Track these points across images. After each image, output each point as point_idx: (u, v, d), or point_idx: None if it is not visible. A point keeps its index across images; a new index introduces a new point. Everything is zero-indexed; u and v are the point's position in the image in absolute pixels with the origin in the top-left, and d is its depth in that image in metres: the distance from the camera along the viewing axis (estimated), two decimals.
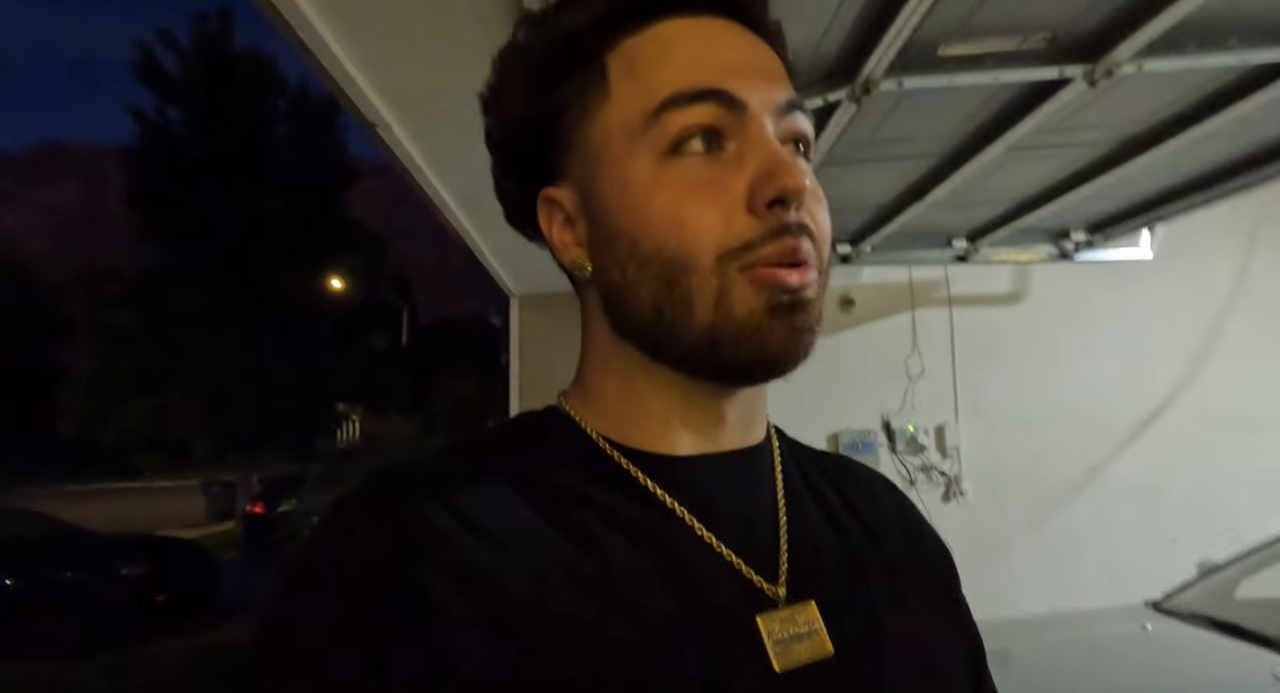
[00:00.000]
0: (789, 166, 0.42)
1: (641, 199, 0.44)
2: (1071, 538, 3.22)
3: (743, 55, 0.46)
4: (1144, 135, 1.98)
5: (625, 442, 0.49)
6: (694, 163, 0.44)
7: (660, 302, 0.44)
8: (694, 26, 0.47)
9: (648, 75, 0.45)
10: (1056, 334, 3.34)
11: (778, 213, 0.42)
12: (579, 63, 0.47)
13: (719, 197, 0.43)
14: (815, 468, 0.57)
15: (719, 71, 0.44)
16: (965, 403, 3.27)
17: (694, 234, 0.43)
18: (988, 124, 1.85)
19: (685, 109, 0.43)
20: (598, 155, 0.47)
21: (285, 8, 1.03)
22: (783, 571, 0.47)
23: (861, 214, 2.60)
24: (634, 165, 0.45)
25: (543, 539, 0.42)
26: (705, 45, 0.46)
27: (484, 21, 1.10)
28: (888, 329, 3.33)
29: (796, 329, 0.44)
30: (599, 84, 0.47)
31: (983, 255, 2.95)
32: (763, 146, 0.44)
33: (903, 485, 3.13)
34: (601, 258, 0.48)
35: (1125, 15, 1.39)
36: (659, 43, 0.46)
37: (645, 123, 0.44)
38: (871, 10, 1.33)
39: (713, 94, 0.44)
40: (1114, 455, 3.28)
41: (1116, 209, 2.72)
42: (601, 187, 0.47)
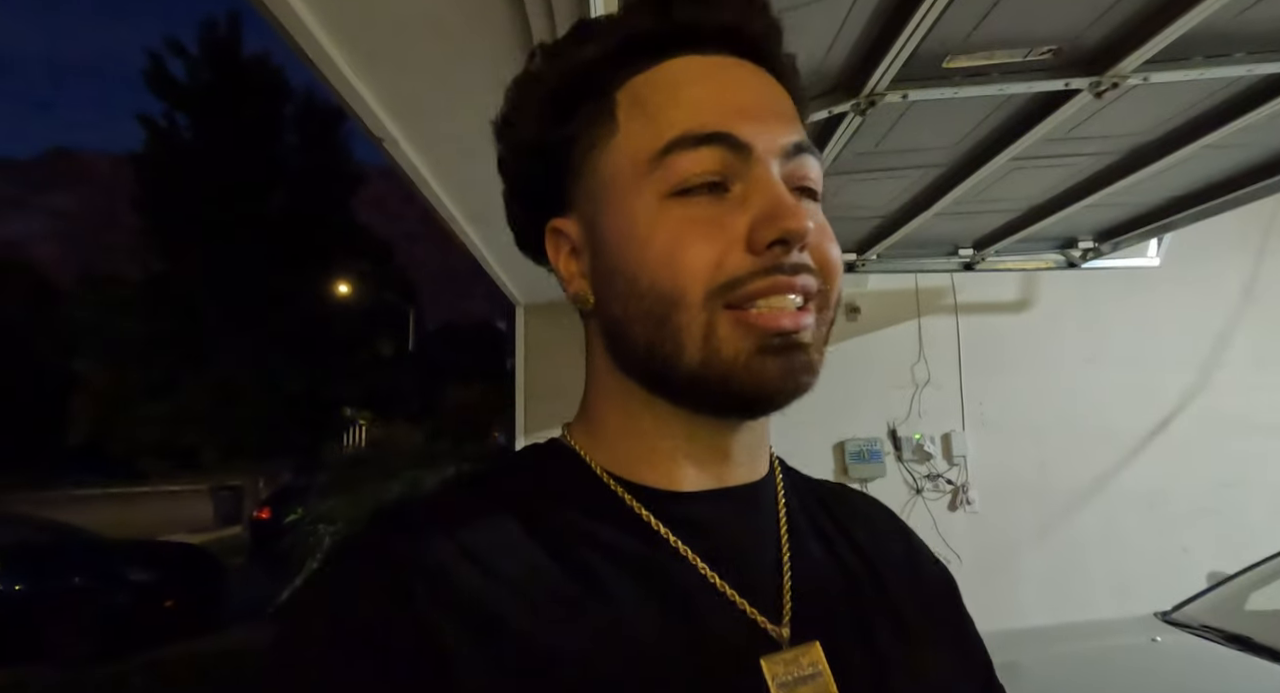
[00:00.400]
0: (791, 209, 0.42)
1: (643, 236, 0.45)
2: (1079, 548, 3.20)
3: (752, 96, 0.46)
4: (1151, 145, 1.97)
5: (630, 477, 0.48)
6: (697, 203, 0.44)
7: (653, 338, 0.45)
8: (704, 66, 0.47)
9: (656, 114, 0.45)
10: (1064, 342, 3.33)
11: (777, 253, 0.42)
12: (589, 97, 0.48)
13: (718, 235, 0.43)
14: (815, 500, 0.57)
15: (726, 114, 0.44)
16: (972, 411, 3.26)
17: (687, 270, 0.43)
18: (993, 135, 1.85)
19: (691, 152, 0.43)
20: (603, 190, 0.47)
21: (296, 29, 1.04)
22: (786, 610, 0.46)
23: (867, 223, 2.60)
24: (638, 203, 0.45)
25: (548, 578, 0.42)
26: (714, 86, 0.46)
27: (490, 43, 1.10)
28: (894, 337, 3.32)
29: (791, 369, 0.43)
30: (608, 119, 0.47)
31: (989, 263, 2.94)
32: (766, 188, 0.43)
33: (909, 494, 3.18)
34: (603, 291, 0.48)
35: (1131, 28, 1.39)
36: (668, 81, 0.46)
37: (651, 162, 0.44)
38: (877, 24, 1.33)
39: (719, 137, 0.43)
40: (1122, 464, 3.26)
41: (1124, 218, 2.72)
42: (606, 221, 0.47)
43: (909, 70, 1.44)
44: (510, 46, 1.12)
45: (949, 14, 1.29)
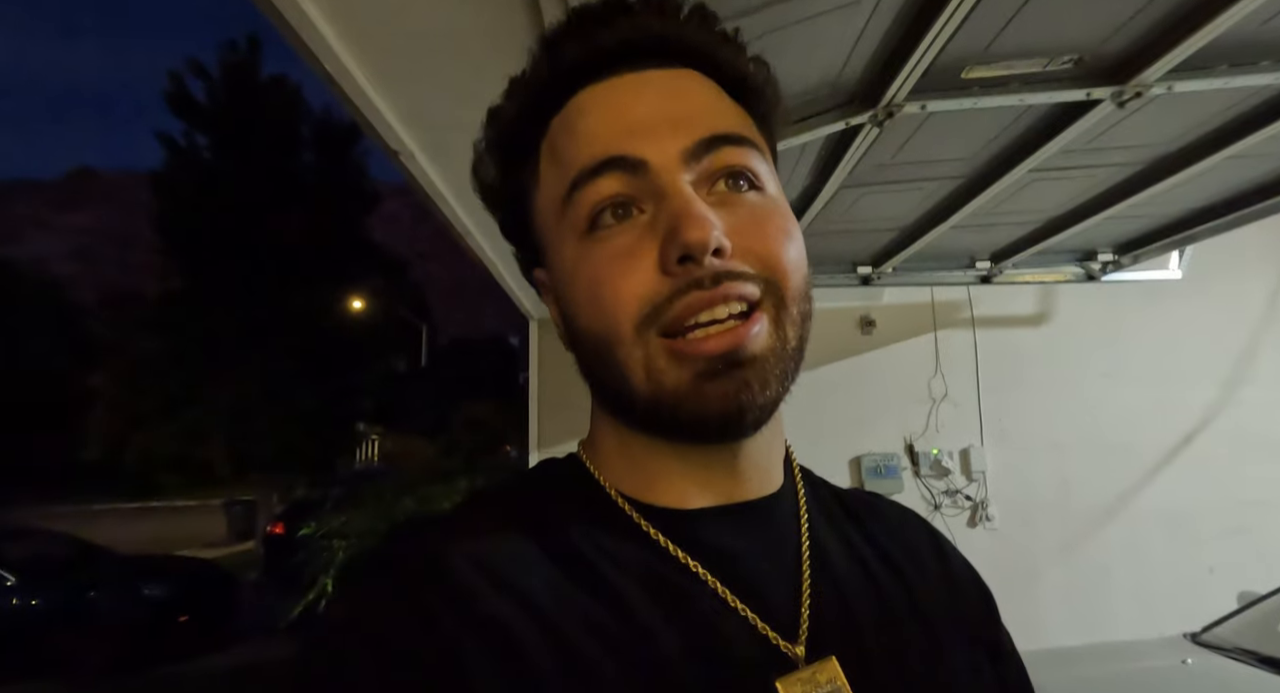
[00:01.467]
0: (691, 217, 0.41)
1: (569, 280, 0.45)
2: (1103, 566, 3.13)
3: (645, 110, 0.45)
4: (1173, 156, 1.94)
5: (640, 497, 0.48)
6: (610, 235, 0.43)
7: (602, 376, 0.45)
8: (600, 94, 0.46)
9: (562, 156, 0.46)
10: (1083, 356, 3.28)
11: (689, 269, 0.41)
12: (520, 152, 0.49)
13: (635, 265, 0.42)
14: (841, 509, 0.55)
15: (616, 136, 0.44)
16: (990, 426, 3.21)
17: (612, 308, 0.42)
18: (1012, 145, 1.83)
19: (590, 185, 0.43)
20: (542, 240, 0.49)
21: (314, 41, 1.05)
22: (803, 627, 0.45)
23: (883, 235, 2.58)
24: (564, 247, 0.46)
25: (566, 597, 0.42)
26: (604, 113, 0.45)
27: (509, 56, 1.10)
28: (910, 350, 3.28)
29: (733, 391, 0.41)
30: (534, 171, 0.48)
31: (1006, 276, 2.91)
32: (669, 202, 0.42)
33: (927, 510, 3.12)
34: (568, 336, 0.49)
35: (1155, 37, 1.37)
36: (567, 122, 0.47)
37: (562, 206, 0.45)
38: (895, 35, 1.32)
39: (611, 162, 0.43)
40: (1146, 481, 3.20)
41: (1144, 230, 2.68)
42: (551, 269, 0.49)
43: (927, 81, 1.43)
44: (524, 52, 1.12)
45: (968, 24, 1.28)
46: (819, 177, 1.94)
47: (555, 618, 0.40)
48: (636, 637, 0.41)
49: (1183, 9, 1.28)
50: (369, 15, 1.01)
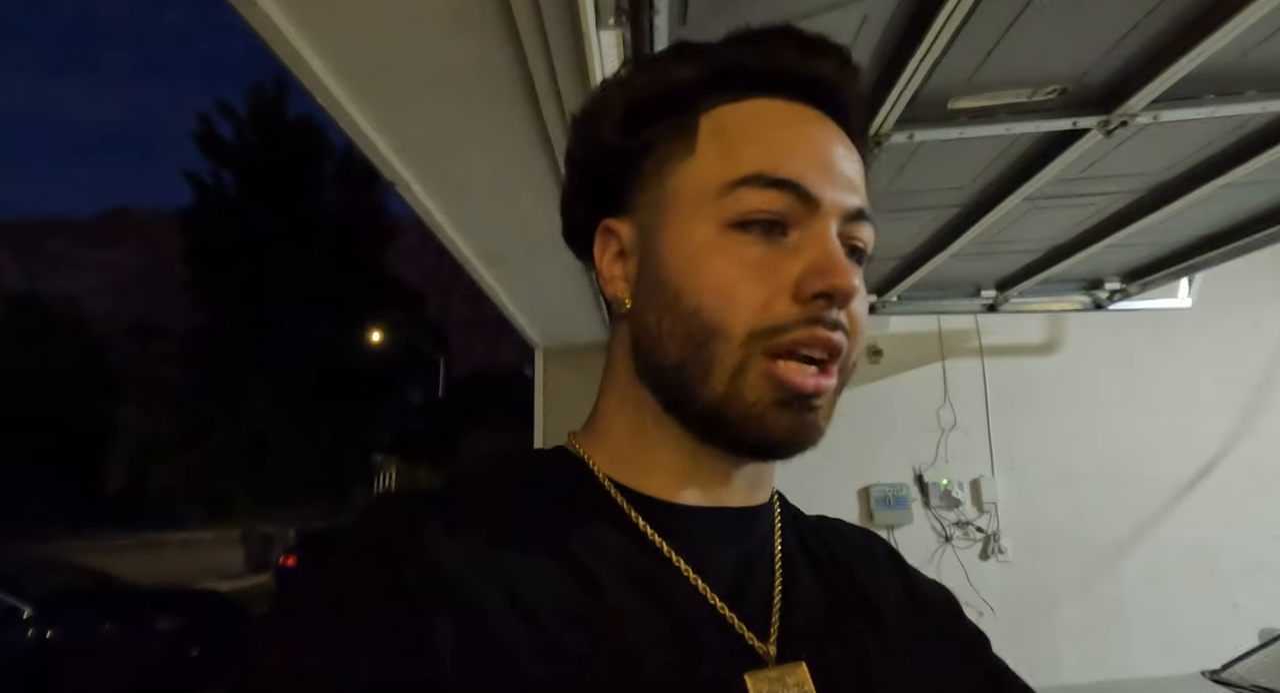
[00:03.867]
0: (843, 267, 0.44)
1: (696, 260, 0.46)
2: (1120, 601, 3.05)
3: (828, 152, 0.48)
4: (1169, 184, 1.95)
5: (631, 485, 0.49)
6: (754, 240, 0.45)
7: (685, 359, 0.46)
8: (789, 112, 0.48)
9: (734, 146, 0.47)
10: (1095, 385, 3.24)
11: (820, 306, 0.44)
12: (673, 112, 0.49)
13: (768, 278, 0.44)
14: (811, 531, 0.58)
15: (801, 163, 0.46)
16: (1001, 456, 3.17)
17: (735, 306, 0.44)
18: (1006, 174, 1.85)
19: (760, 192, 0.45)
20: (667, 205, 0.49)
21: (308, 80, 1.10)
22: (774, 629, 0.46)
23: (885, 264, 2.59)
24: (698, 226, 0.46)
25: (543, 579, 0.43)
26: (795, 134, 0.48)
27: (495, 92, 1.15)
28: (918, 380, 3.26)
29: (801, 426, 0.45)
30: (687, 139, 0.49)
31: (1012, 305, 2.89)
32: (823, 242, 0.45)
33: (938, 542, 3.07)
34: (642, 299, 0.49)
35: (1137, 67, 1.39)
36: (753, 118, 0.48)
37: (720, 191, 0.46)
38: (877, 66, 1.36)
39: (790, 184, 0.45)
40: (1163, 513, 3.13)
41: (1150, 258, 2.67)
42: (662, 234, 0.48)
43: (913, 111, 1.45)
44: (513, 94, 1.17)
45: (949, 56, 1.31)
46: None
47: (529, 597, 0.41)
48: (611, 621, 0.42)
49: (1161, 41, 1.30)
50: (360, 49, 1.06)
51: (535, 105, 1.22)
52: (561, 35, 1.06)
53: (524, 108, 1.21)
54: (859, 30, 1.25)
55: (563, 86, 1.17)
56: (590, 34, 1.03)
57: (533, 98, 1.18)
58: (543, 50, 1.04)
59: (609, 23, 1.07)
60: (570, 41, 1.07)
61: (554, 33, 1.06)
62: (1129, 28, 1.26)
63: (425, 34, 1.05)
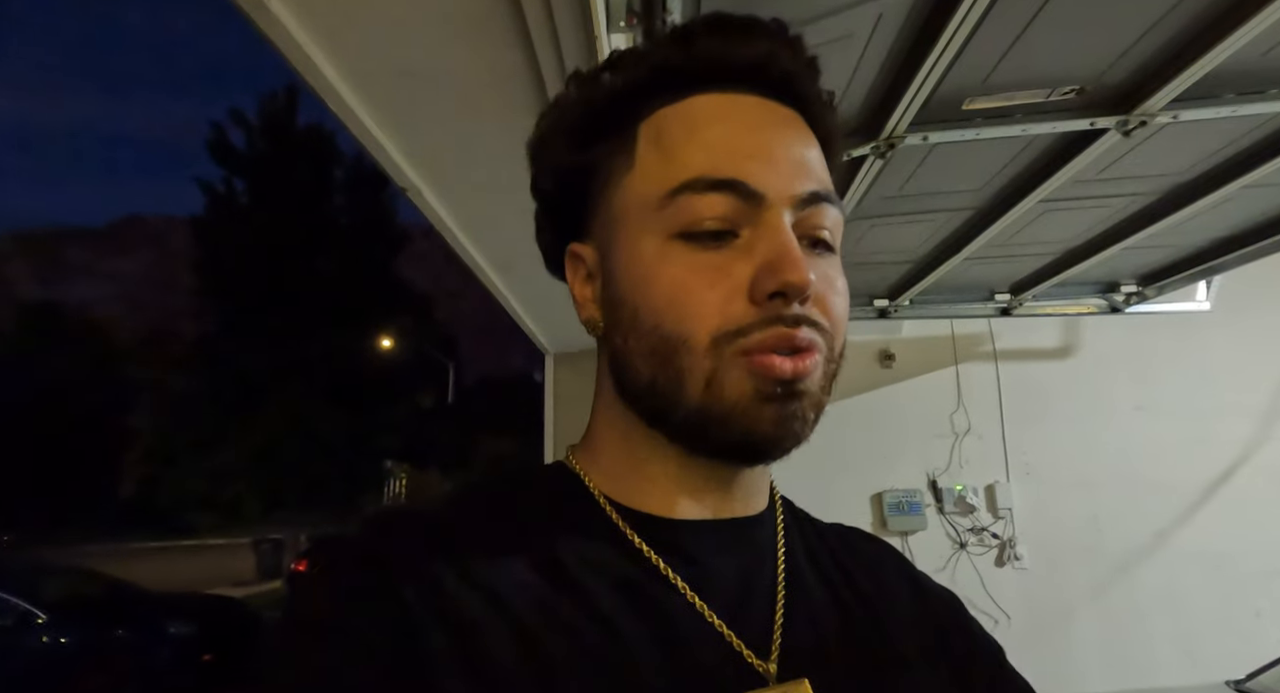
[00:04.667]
0: (795, 261, 0.42)
1: (646, 274, 0.45)
2: (1139, 609, 3.00)
3: (770, 141, 0.46)
4: (1189, 185, 1.92)
5: (627, 502, 0.48)
6: (703, 247, 0.44)
7: (655, 374, 0.45)
8: (727, 105, 0.47)
9: (671, 152, 0.46)
10: (1111, 390, 3.19)
11: (777, 305, 0.42)
12: (612, 127, 0.48)
13: (721, 282, 0.43)
14: (818, 539, 0.56)
15: (741, 159, 0.44)
16: (1016, 461, 3.13)
17: (691, 315, 0.43)
18: (1021, 176, 1.83)
19: (701, 196, 0.44)
20: (616, 222, 0.48)
21: (320, 86, 1.09)
22: (775, 645, 0.45)
23: (898, 268, 2.57)
24: (645, 240, 0.45)
25: (539, 598, 0.42)
26: (732, 127, 0.46)
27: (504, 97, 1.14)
28: (931, 384, 3.23)
29: (785, 417, 0.43)
30: (627, 151, 0.47)
31: (1027, 308, 2.86)
32: (773, 237, 0.43)
33: (952, 548, 3.04)
34: (610, 320, 0.49)
35: (1156, 66, 1.37)
36: (688, 119, 0.46)
37: (661, 201, 0.45)
38: (892, 67, 1.34)
39: (730, 184, 0.43)
40: (1183, 519, 3.08)
41: (1168, 260, 2.63)
42: (616, 252, 0.48)
43: (928, 112, 1.44)
44: (524, 99, 1.16)
45: (965, 56, 1.29)
46: None
47: (525, 617, 0.41)
48: (607, 641, 0.41)
49: (1181, 39, 1.28)
50: (371, 55, 1.06)
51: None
52: (573, 39, 1.05)
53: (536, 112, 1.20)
54: (873, 30, 1.24)
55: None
56: (602, 37, 1.02)
57: (545, 102, 1.17)
58: (554, 54, 1.04)
59: (620, 25, 1.06)
60: (582, 45, 1.06)
61: (566, 36, 1.05)
62: (1148, 26, 1.24)
63: (437, 40, 1.05)
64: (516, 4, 1.00)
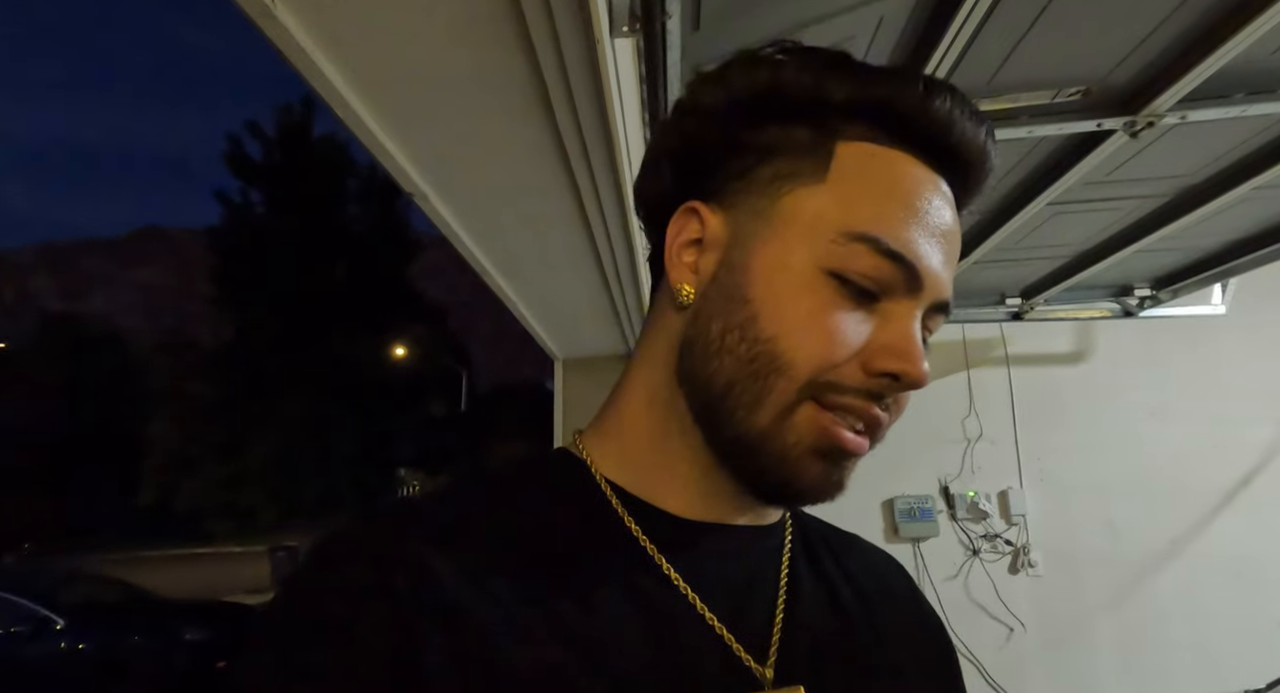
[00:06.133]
0: (919, 355, 0.43)
1: (789, 291, 0.44)
2: (1157, 617, 2.95)
3: (948, 238, 0.46)
4: (1200, 186, 1.90)
5: (639, 493, 0.48)
6: (848, 296, 0.44)
7: (738, 380, 0.44)
8: (928, 181, 0.46)
9: (866, 195, 0.44)
10: (1126, 394, 3.15)
11: (884, 384, 0.43)
12: (810, 126, 0.46)
13: (848, 338, 0.43)
14: (824, 545, 0.56)
15: (923, 244, 0.44)
16: (1029, 467, 3.09)
17: (809, 350, 0.43)
18: (1029, 179, 1.82)
19: (874, 256, 0.43)
20: (775, 221, 0.45)
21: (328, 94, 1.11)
22: (773, 650, 0.45)
23: None
24: (799, 257, 0.44)
25: (536, 592, 0.42)
26: (927, 209, 0.45)
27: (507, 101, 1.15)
28: (942, 390, 3.20)
29: (829, 480, 0.45)
30: (820, 164, 0.45)
31: (1039, 313, 2.85)
32: (906, 324, 0.44)
33: (965, 555, 3.01)
34: (711, 302, 0.46)
35: (1162, 66, 1.36)
36: (895, 174, 0.45)
37: (836, 235, 0.44)
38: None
39: (904, 262, 0.43)
40: (1200, 526, 3.03)
41: (1181, 263, 2.61)
42: (759, 247, 0.45)
43: None
44: (528, 105, 1.17)
45: (968, 58, 1.29)
46: None
47: (522, 613, 0.40)
48: (604, 639, 0.41)
49: (1188, 38, 1.28)
50: (375, 60, 1.07)
51: (550, 115, 1.23)
52: (575, 44, 1.06)
53: (539, 118, 1.22)
54: (875, 33, 1.24)
55: (577, 96, 1.17)
56: (604, 41, 1.03)
57: (547, 107, 1.18)
58: (557, 60, 1.04)
59: (623, 30, 1.07)
60: (584, 51, 1.07)
61: (568, 42, 1.06)
62: (1154, 25, 1.23)
63: (440, 45, 1.06)
64: (518, 9, 1.01)
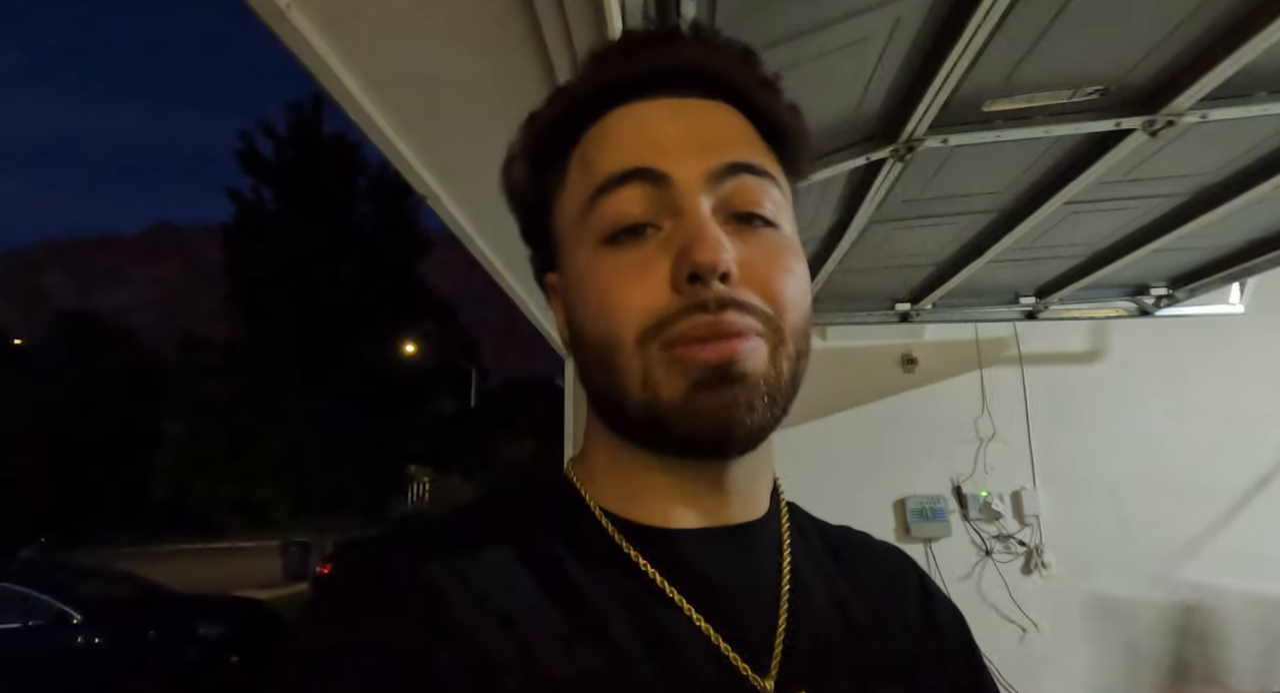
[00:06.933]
0: (706, 241, 0.41)
1: (580, 285, 0.46)
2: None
3: (678, 128, 0.46)
4: (1219, 186, 1.88)
5: (624, 514, 0.48)
6: (627, 247, 0.44)
7: (600, 380, 0.46)
8: (640, 111, 0.48)
9: (589, 163, 0.47)
10: (1141, 394, 3.12)
11: (697, 289, 0.41)
12: (552, 159, 0.51)
13: (646, 278, 0.43)
14: (825, 545, 0.55)
15: (645, 149, 0.45)
16: (1043, 467, 3.07)
17: (618, 316, 0.43)
18: (1045, 178, 1.80)
19: (614, 193, 0.44)
20: (560, 243, 0.50)
21: (341, 96, 1.11)
22: (775, 659, 0.45)
23: (919, 271, 2.54)
24: (579, 253, 0.47)
25: (543, 617, 0.42)
26: (640, 126, 0.47)
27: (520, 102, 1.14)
28: (955, 389, 3.18)
29: (725, 405, 0.42)
30: (561, 176, 0.50)
31: (1053, 312, 2.82)
32: (687, 220, 0.43)
33: (978, 555, 2.99)
34: (572, 340, 0.50)
35: (1183, 64, 1.34)
36: (603, 132, 0.48)
37: (584, 211, 0.46)
38: (910, 70, 1.33)
39: (636, 173, 0.44)
40: (1217, 527, 3.00)
41: (1199, 262, 2.57)
42: (564, 272, 0.50)
43: (947, 115, 1.42)
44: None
45: (985, 58, 1.27)
46: (845, 212, 1.94)
47: (529, 636, 0.41)
48: (607, 659, 0.41)
49: (1210, 36, 1.25)
50: (391, 65, 1.07)
51: None
52: (589, 45, 1.05)
53: None
54: (890, 33, 1.23)
55: None
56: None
57: None
58: (570, 61, 1.04)
59: None
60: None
61: (581, 44, 1.06)
62: (1176, 23, 1.21)
63: (454, 48, 1.06)
64: (531, 11, 1.00)
